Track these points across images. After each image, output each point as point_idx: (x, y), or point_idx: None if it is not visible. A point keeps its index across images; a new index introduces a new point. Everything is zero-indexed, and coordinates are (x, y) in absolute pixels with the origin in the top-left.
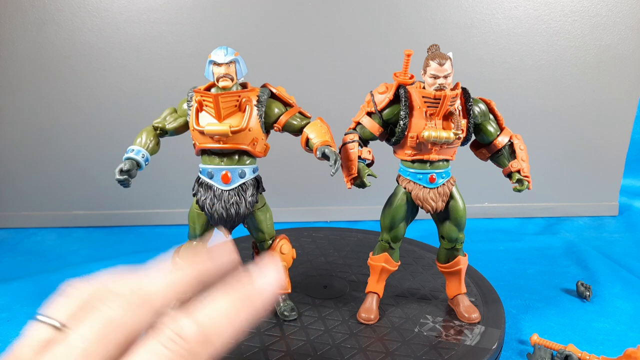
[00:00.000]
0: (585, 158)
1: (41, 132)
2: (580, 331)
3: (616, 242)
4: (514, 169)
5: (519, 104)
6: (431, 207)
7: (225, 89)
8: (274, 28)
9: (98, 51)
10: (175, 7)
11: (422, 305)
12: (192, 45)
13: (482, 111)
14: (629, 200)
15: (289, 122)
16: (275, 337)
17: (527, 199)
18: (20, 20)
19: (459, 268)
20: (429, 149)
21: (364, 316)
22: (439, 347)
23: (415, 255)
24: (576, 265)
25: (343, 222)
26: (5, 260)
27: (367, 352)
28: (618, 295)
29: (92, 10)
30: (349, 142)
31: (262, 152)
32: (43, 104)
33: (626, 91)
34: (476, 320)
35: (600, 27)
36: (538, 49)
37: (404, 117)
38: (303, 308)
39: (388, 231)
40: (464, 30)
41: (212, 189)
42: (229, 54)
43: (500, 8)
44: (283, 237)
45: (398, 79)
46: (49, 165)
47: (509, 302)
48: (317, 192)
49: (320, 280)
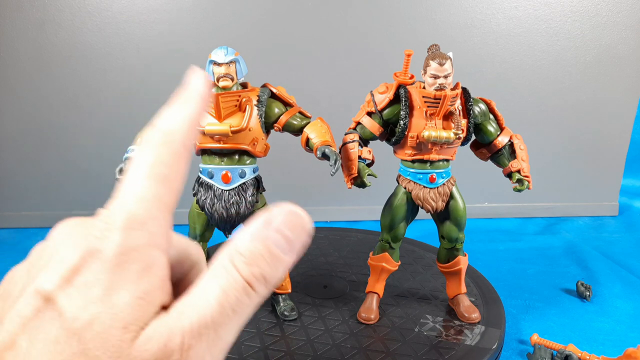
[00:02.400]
0: (585, 158)
1: (41, 132)
2: (580, 331)
3: (616, 242)
4: (514, 168)
5: (519, 103)
6: (431, 207)
7: (226, 89)
8: (274, 28)
9: (98, 51)
10: (175, 7)
11: (422, 305)
12: (192, 45)
13: (482, 111)
14: (629, 200)
15: (289, 122)
16: (275, 337)
17: (527, 199)
18: (20, 20)
19: (459, 268)
20: (429, 149)
21: (364, 316)
22: (439, 347)
23: (415, 255)
24: (576, 265)
25: (343, 222)
26: (6, 260)
27: (367, 352)
28: (618, 295)
29: (92, 10)
30: (349, 142)
31: (262, 152)
32: (43, 104)
33: (626, 91)
34: (476, 320)
35: (600, 27)
36: (538, 49)
37: (404, 117)
38: (303, 308)
39: (388, 231)
40: (464, 30)
41: (212, 188)
42: (229, 54)
43: (500, 8)
44: None
45: (398, 78)
46: (49, 165)
47: (509, 302)
48: (317, 192)
49: (320, 280)
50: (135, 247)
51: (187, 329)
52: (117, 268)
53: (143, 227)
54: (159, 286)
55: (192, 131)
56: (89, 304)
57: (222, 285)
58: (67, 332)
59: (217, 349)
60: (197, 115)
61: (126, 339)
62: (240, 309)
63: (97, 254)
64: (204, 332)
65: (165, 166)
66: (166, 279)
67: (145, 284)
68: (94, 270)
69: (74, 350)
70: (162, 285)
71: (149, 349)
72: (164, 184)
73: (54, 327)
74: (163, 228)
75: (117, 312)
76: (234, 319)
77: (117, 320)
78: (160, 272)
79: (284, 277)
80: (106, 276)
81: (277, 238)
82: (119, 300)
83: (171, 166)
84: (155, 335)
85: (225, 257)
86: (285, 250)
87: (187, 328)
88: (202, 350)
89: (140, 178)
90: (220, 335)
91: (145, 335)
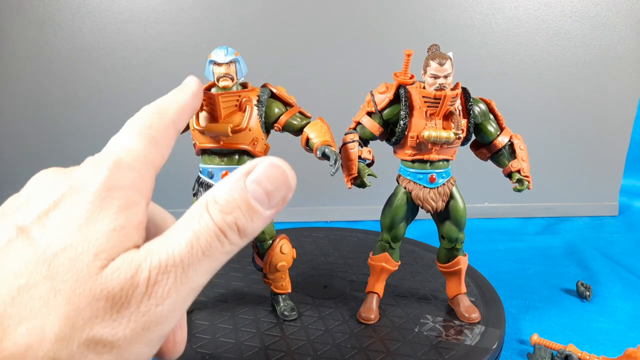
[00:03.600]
0: (585, 158)
1: (41, 132)
2: (580, 331)
3: (616, 242)
4: (514, 168)
5: (519, 103)
6: (431, 207)
7: (226, 89)
8: (274, 28)
9: (98, 51)
10: (175, 7)
11: (422, 305)
12: (192, 45)
13: (482, 111)
14: (629, 200)
15: (289, 122)
16: (275, 337)
17: (527, 199)
18: (20, 20)
19: (459, 268)
20: (429, 149)
21: (364, 316)
22: (439, 347)
23: (415, 255)
24: (576, 265)
25: (343, 222)
26: None
27: (367, 352)
28: (618, 295)
29: (92, 10)
30: (349, 142)
31: (262, 152)
32: (43, 104)
33: (626, 91)
34: (476, 320)
35: (600, 27)
36: (538, 49)
37: (404, 117)
38: (303, 308)
39: (388, 231)
40: (464, 30)
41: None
42: (229, 54)
43: (500, 8)
44: (283, 237)
45: (398, 78)
46: (49, 165)
47: (509, 302)
48: (317, 192)
49: (320, 280)
50: (120, 186)
51: (154, 264)
52: (100, 202)
53: (130, 171)
54: (135, 226)
55: (182, 115)
56: (64, 235)
57: (193, 229)
58: (37, 259)
59: (184, 287)
60: (188, 105)
61: (95, 266)
62: (210, 253)
63: (80, 189)
64: (172, 270)
65: (155, 130)
66: (143, 223)
67: (123, 220)
68: (74, 202)
69: (42, 275)
70: (138, 227)
71: (115, 278)
72: (152, 143)
73: (24, 254)
74: (147, 180)
75: (90, 240)
76: (204, 262)
77: (89, 247)
78: (139, 215)
79: (261, 229)
80: (87, 207)
81: (255, 189)
82: (95, 229)
83: (160, 132)
84: (123, 266)
85: (201, 203)
86: (264, 203)
87: (155, 264)
88: (168, 286)
89: (132, 133)
90: (189, 275)
91: (113, 264)
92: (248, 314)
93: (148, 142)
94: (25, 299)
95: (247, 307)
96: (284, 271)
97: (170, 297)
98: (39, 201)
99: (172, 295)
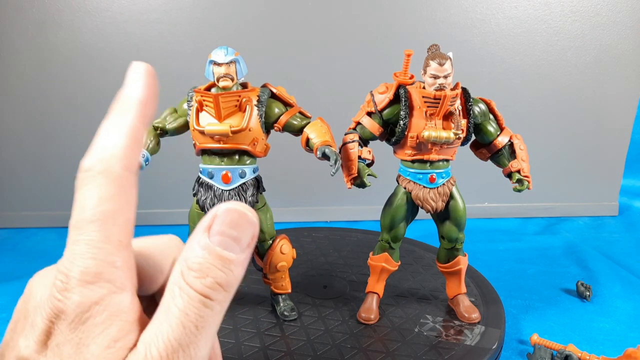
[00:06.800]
0: (585, 158)
1: (41, 132)
2: (580, 331)
3: (616, 242)
4: (514, 169)
5: (519, 103)
6: (431, 207)
7: (226, 89)
8: (274, 28)
9: (98, 51)
10: (175, 7)
11: (422, 305)
12: (192, 45)
13: (482, 111)
14: (629, 200)
15: (289, 122)
16: (275, 337)
17: (527, 199)
18: (20, 20)
19: (459, 268)
20: (429, 149)
21: (364, 316)
22: (439, 347)
23: (415, 255)
24: (576, 265)
25: (343, 222)
26: (5, 260)
27: (367, 352)
28: (618, 295)
29: (92, 10)
30: (349, 142)
31: (262, 152)
32: (43, 104)
33: (626, 91)
34: (476, 320)
35: (600, 27)
36: (538, 49)
37: (404, 117)
38: (303, 308)
39: (388, 231)
40: (464, 30)
41: (212, 188)
42: (229, 54)
43: (500, 8)
44: (283, 237)
45: (398, 79)
46: (49, 165)
47: (509, 302)
48: (317, 192)
49: (320, 280)
50: (96, 301)
51: (155, 357)
52: (81, 326)
53: (99, 277)
54: (129, 330)
55: (134, 148)
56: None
57: (179, 306)
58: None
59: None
60: (138, 127)
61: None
62: (203, 323)
63: (61, 315)
64: (174, 356)
65: (107, 201)
66: (137, 319)
67: (113, 332)
68: (62, 330)
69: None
70: (132, 328)
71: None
72: (110, 222)
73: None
74: (121, 269)
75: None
76: (201, 335)
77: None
78: (128, 316)
79: (242, 274)
80: (74, 334)
81: (222, 240)
82: (89, 354)
83: (114, 198)
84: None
85: (177, 274)
86: (235, 249)
87: (156, 358)
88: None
89: (85, 223)
90: (191, 353)
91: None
92: (248, 314)
93: (104, 225)
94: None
95: (247, 307)
96: (284, 271)
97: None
98: (33, 328)
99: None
